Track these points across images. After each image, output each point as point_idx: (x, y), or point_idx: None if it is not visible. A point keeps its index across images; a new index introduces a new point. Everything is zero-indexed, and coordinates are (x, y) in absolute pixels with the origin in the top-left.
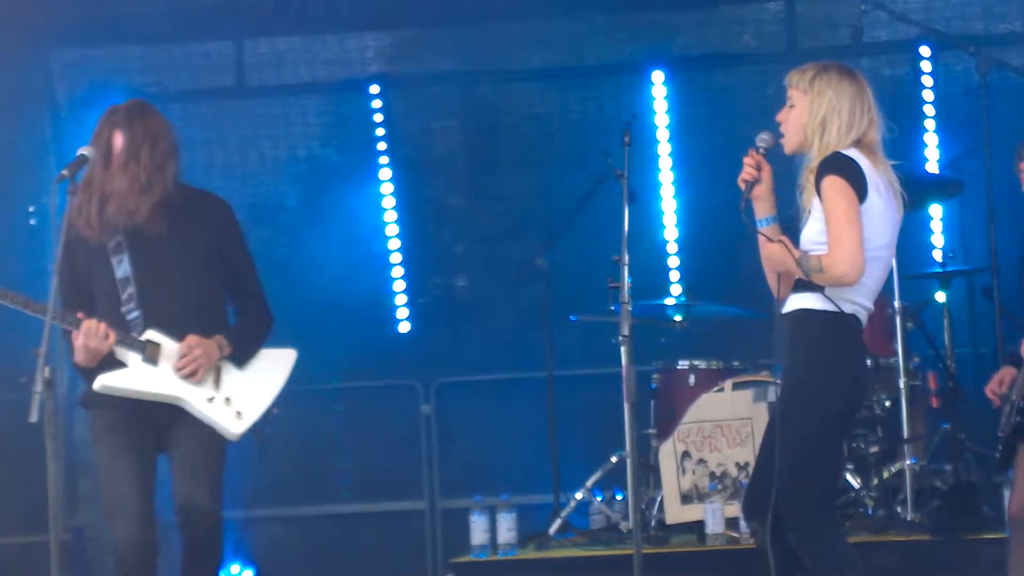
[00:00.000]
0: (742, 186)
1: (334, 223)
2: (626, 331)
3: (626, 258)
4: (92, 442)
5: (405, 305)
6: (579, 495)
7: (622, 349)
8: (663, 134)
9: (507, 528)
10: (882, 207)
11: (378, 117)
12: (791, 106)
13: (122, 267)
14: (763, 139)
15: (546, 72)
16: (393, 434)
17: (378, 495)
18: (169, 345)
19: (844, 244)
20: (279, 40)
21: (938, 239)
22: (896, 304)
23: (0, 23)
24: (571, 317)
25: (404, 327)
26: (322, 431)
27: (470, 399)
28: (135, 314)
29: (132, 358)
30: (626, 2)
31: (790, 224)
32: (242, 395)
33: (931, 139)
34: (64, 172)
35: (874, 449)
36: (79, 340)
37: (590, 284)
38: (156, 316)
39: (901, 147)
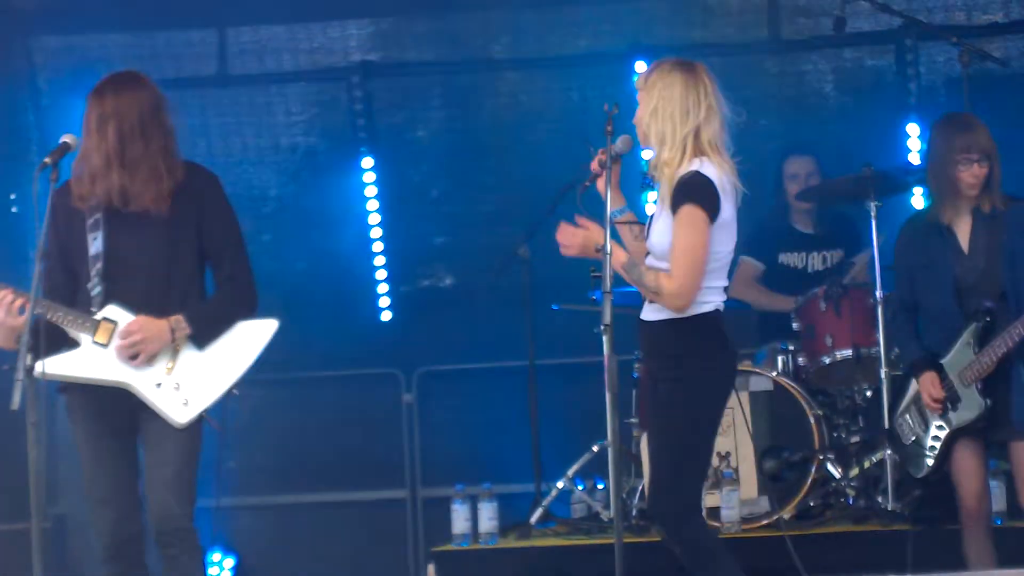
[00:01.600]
0: (589, 180)
1: (316, 211)
2: (608, 320)
3: (608, 247)
4: (71, 426)
5: (387, 294)
6: (560, 484)
7: (604, 338)
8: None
9: (488, 517)
10: (731, 214)
11: (360, 106)
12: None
13: (95, 244)
14: (621, 140)
15: (528, 61)
16: (375, 423)
17: (360, 483)
18: (126, 322)
19: (686, 279)
20: (262, 28)
21: None
22: (878, 294)
23: None
24: (553, 306)
25: (386, 316)
26: (304, 419)
27: (452, 388)
28: (97, 290)
29: (83, 339)
30: None
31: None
32: (193, 381)
33: (913, 129)
34: (47, 160)
35: (855, 439)
36: None
37: (572, 273)
38: (117, 291)
39: (883, 137)
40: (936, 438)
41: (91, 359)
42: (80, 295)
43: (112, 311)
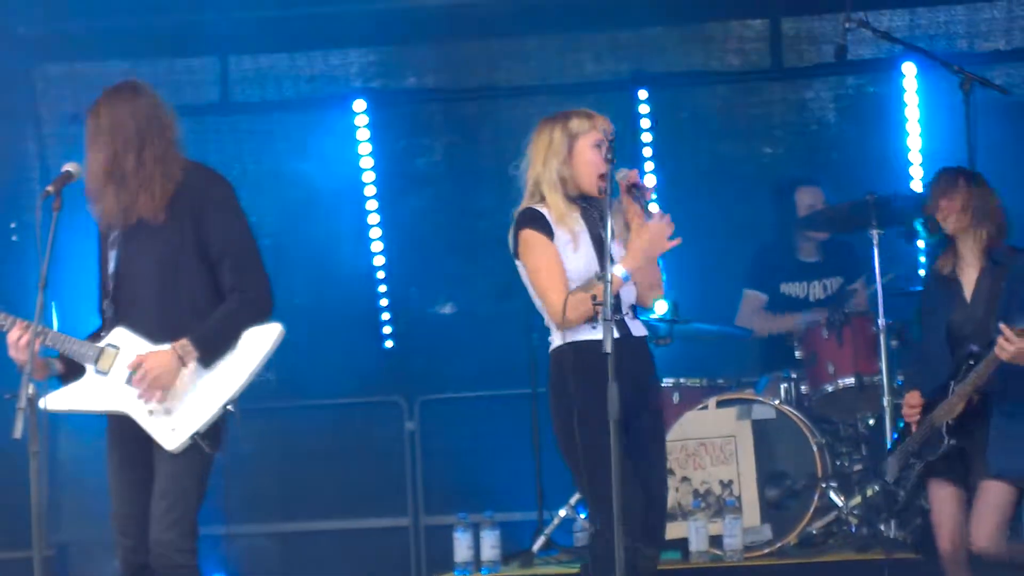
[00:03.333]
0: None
1: (318, 239)
2: (609, 348)
3: (609, 275)
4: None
5: (389, 322)
6: (563, 512)
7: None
8: (647, 151)
9: (491, 545)
10: None
11: (362, 133)
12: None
13: (112, 263)
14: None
15: (530, 89)
16: (377, 450)
17: (362, 511)
18: (131, 348)
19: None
20: (263, 56)
21: (923, 257)
22: (881, 322)
23: None
24: None
25: (388, 343)
26: (306, 447)
27: (454, 415)
28: (109, 312)
29: (87, 368)
30: (610, 19)
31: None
32: (183, 405)
33: (915, 157)
34: (49, 188)
35: (858, 467)
36: (10, 351)
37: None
38: (126, 314)
39: (886, 165)
40: (907, 470)
41: (92, 389)
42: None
43: (118, 335)
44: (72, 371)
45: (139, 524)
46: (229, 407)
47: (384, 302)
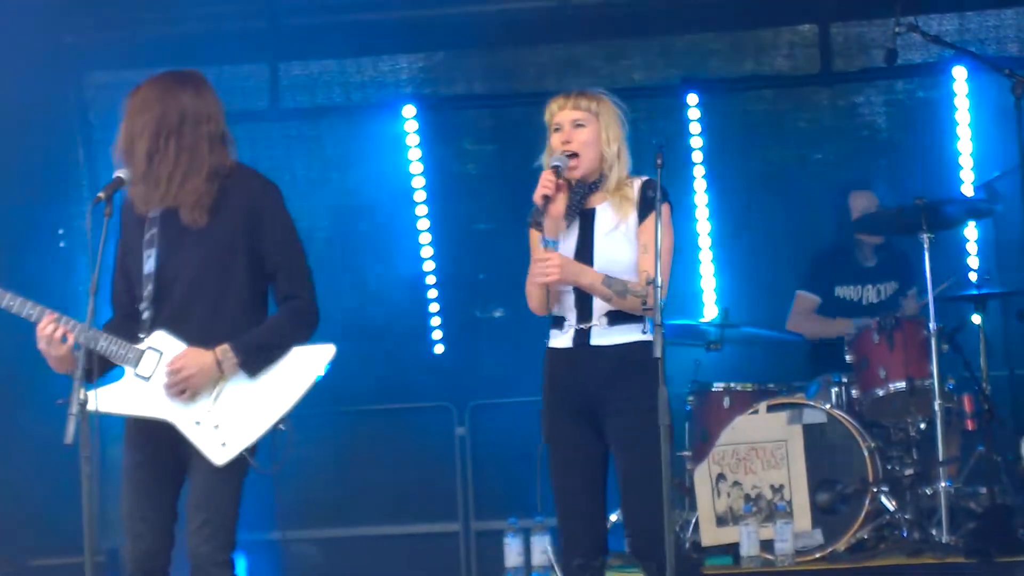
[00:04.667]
0: (539, 201)
1: (368, 245)
2: (659, 353)
3: (659, 280)
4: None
5: (439, 327)
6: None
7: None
8: (697, 156)
9: (541, 550)
10: None
11: (412, 139)
12: (579, 125)
13: (149, 262)
14: (561, 160)
15: None
16: (427, 456)
17: (412, 517)
18: (173, 352)
19: (666, 277)
20: (313, 62)
21: (973, 261)
22: (931, 326)
23: (33, 46)
24: None
25: (438, 349)
26: (357, 453)
27: (504, 421)
28: (147, 314)
29: (127, 371)
30: (660, 25)
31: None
32: (234, 419)
33: (966, 161)
34: (100, 195)
35: (909, 472)
36: (39, 344)
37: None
38: (167, 318)
39: (936, 170)
40: None
41: (133, 393)
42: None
43: (158, 339)
44: (98, 370)
45: (157, 528)
46: (280, 426)
47: (434, 307)
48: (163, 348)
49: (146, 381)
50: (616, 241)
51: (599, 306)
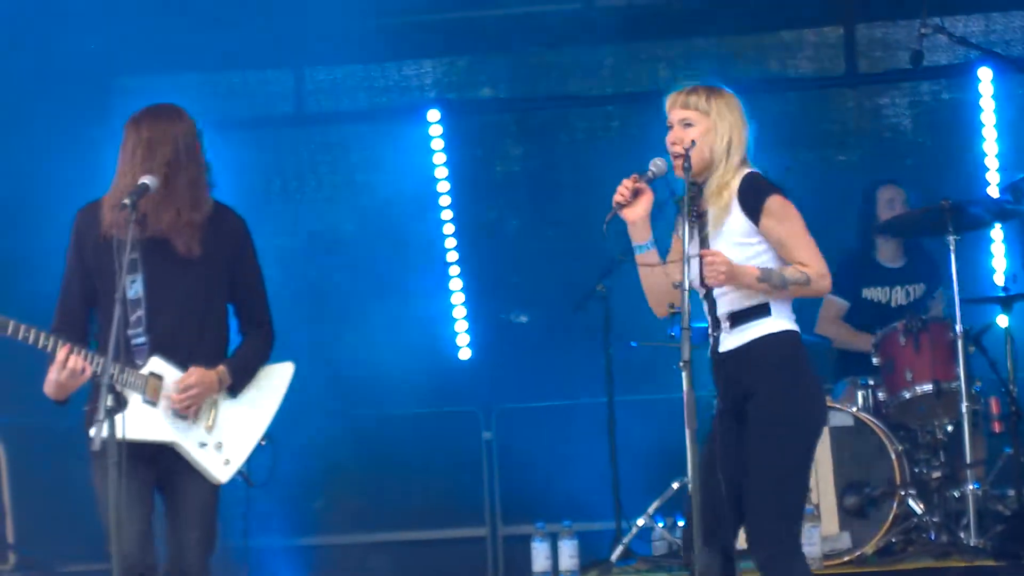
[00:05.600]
0: (614, 206)
1: (393, 249)
2: (687, 356)
3: (686, 283)
4: (90, 465)
5: (466, 331)
6: (641, 521)
7: (683, 374)
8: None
9: (569, 555)
10: None
11: (437, 143)
12: (688, 125)
13: (135, 287)
14: (655, 164)
15: (605, 97)
16: (454, 461)
17: (440, 522)
18: (171, 377)
19: (821, 257)
20: (337, 67)
21: (999, 263)
22: (958, 328)
23: (61, 51)
24: (632, 343)
25: (465, 354)
26: (384, 458)
27: (531, 425)
28: (141, 340)
29: (133, 397)
30: (684, 27)
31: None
32: (232, 438)
33: (991, 163)
34: (126, 200)
35: (936, 474)
36: (51, 372)
37: (650, 309)
38: (163, 344)
39: (962, 171)
40: None
41: (141, 418)
42: (103, 332)
43: (157, 365)
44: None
45: (146, 543)
46: (262, 441)
47: (460, 312)
48: (162, 373)
49: (153, 407)
50: (720, 244)
51: (722, 312)
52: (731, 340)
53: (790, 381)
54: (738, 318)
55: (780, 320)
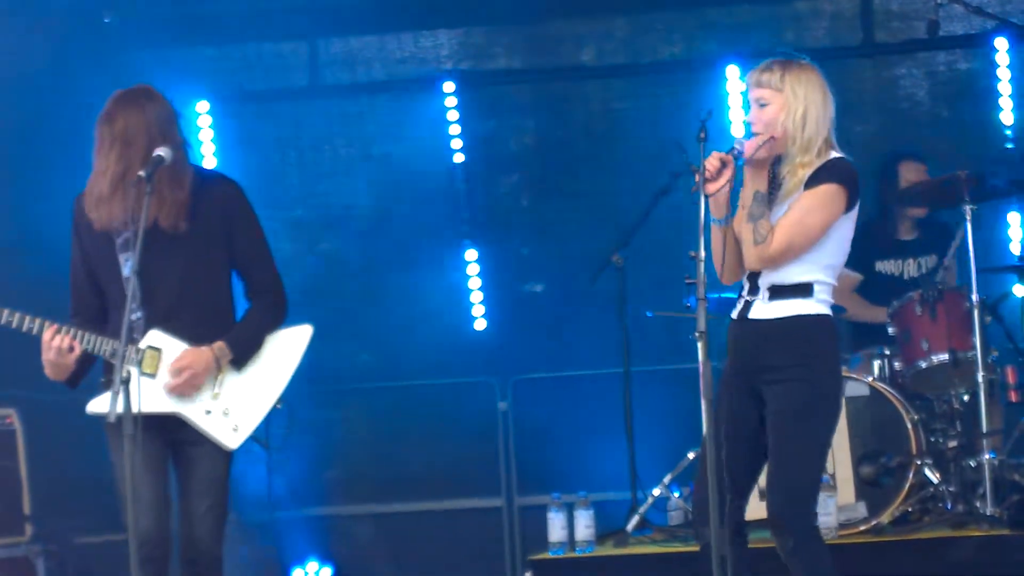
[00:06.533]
0: (698, 179)
1: (408, 221)
2: (702, 327)
3: (702, 254)
4: (110, 444)
5: (481, 302)
6: (657, 491)
7: (699, 345)
8: (737, 129)
9: (585, 525)
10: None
11: (452, 115)
12: (762, 105)
13: (128, 265)
14: (740, 142)
15: (619, 68)
16: (470, 431)
17: (455, 492)
18: (171, 348)
19: (785, 247)
20: (353, 39)
21: (1015, 232)
22: (974, 298)
23: (72, 26)
24: (647, 313)
25: (480, 324)
26: (400, 428)
27: (546, 396)
28: (137, 315)
29: (131, 371)
30: None
31: None
32: (240, 405)
33: (1008, 133)
34: (140, 173)
35: (952, 444)
36: (43, 354)
37: (666, 279)
38: (159, 317)
39: (978, 141)
40: None
41: (142, 391)
42: (113, 317)
43: (155, 337)
44: (84, 368)
45: (160, 514)
46: (278, 405)
47: (475, 283)
48: (161, 345)
49: (152, 379)
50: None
51: (765, 280)
52: (765, 310)
53: (821, 367)
54: (779, 291)
55: (819, 304)
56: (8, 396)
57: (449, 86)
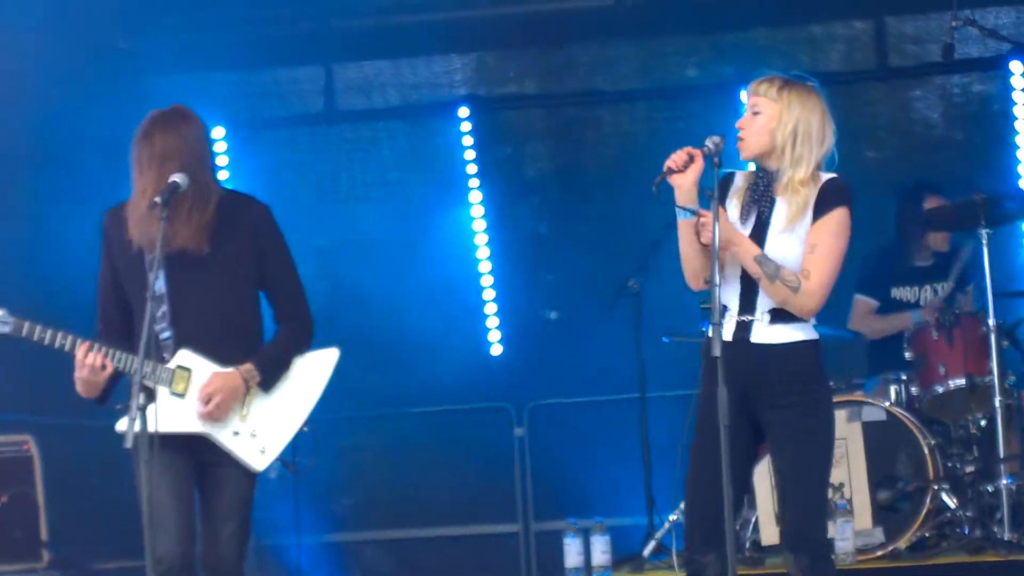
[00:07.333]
0: (664, 170)
1: (425, 246)
2: (718, 352)
3: (717, 279)
4: (133, 463)
5: (498, 328)
6: (673, 516)
7: (718, 369)
8: None
9: (601, 550)
10: None
11: (467, 140)
12: (755, 113)
13: (158, 283)
14: (712, 140)
15: (634, 92)
16: (486, 457)
17: (472, 518)
18: (201, 368)
19: (828, 282)
20: (367, 64)
21: None
22: (990, 322)
23: (89, 51)
24: (664, 338)
25: (496, 350)
26: (416, 454)
27: (563, 421)
28: (167, 334)
29: (161, 390)
30: (713, 21)
31: None
32: (267, 427)
33: (1022, 155)
34: (156, 199)
35: (970, 469)
36: (76, 371)
37: (682, 305)
38: (188, 337)
39: (993, 165)
40: None
41: (170, 411)
42: (137, 333)
43: (185, 357)
44: (112, 385)
45: (184, 539)
46: (304, 428)
47: (491, 308)
48: (191, 366)
49: (181, 399)
50: (788, 241)
51: (763, 300)
52: (767, 334)
53: (822, 390)
54: (780, 315)
55: (811, 329)
56: (25, 422)
57: (464, 111)
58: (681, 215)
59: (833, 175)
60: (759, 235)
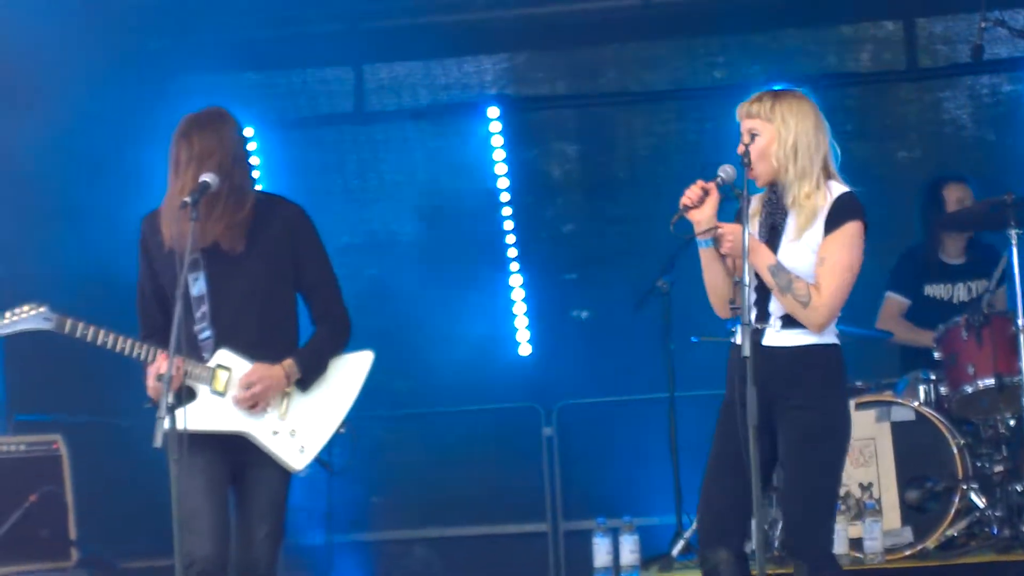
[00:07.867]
0: (681, 208)
1: (454, 247)
2: (747, 352)
3: (747, 279)
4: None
5: (527, 328)
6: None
7: (747, 369)
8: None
9: (630, 550)
10: None
11: (496, 140)
12: (754, 135)
13: (198, 284)
14: (724, 171)
15: (663, 93)
16: (515, 457)
17: (501, 517)
18: (240, 368)
19: (839, 296)
20: (398, 65)
21: None
22: (1019, 322)
23: (118, 51)
24: (692, 338)
25: (525, 350)
26: (445, 454)
27: (591, 421)
28: (207, 334)
29: (201, 389)
30: (742, 22)
31: None
32: (306, 426)
33: None
34: (186, 199)
35: (999, 468)
36: (150, 379)
37: (711, 305)
38: (228, 336)
39: (1022, 163)
40: None
41: (210, 409)
42: (178, 335)
43: (224, 357)
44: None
45: (220, 520)
46: (341, 429)
47: (520, 308)
48: (231, 365)
49: (221, 397)
50: (799, 252)
51: (776, 307)
52: (779, 338)
53: (833, 395)
54: (792, 321)
55: (829, 333)
56: (54, 421)
57: (493, 111)
58: (702, 245)
59: (846, 189)
60: (773, 245)
